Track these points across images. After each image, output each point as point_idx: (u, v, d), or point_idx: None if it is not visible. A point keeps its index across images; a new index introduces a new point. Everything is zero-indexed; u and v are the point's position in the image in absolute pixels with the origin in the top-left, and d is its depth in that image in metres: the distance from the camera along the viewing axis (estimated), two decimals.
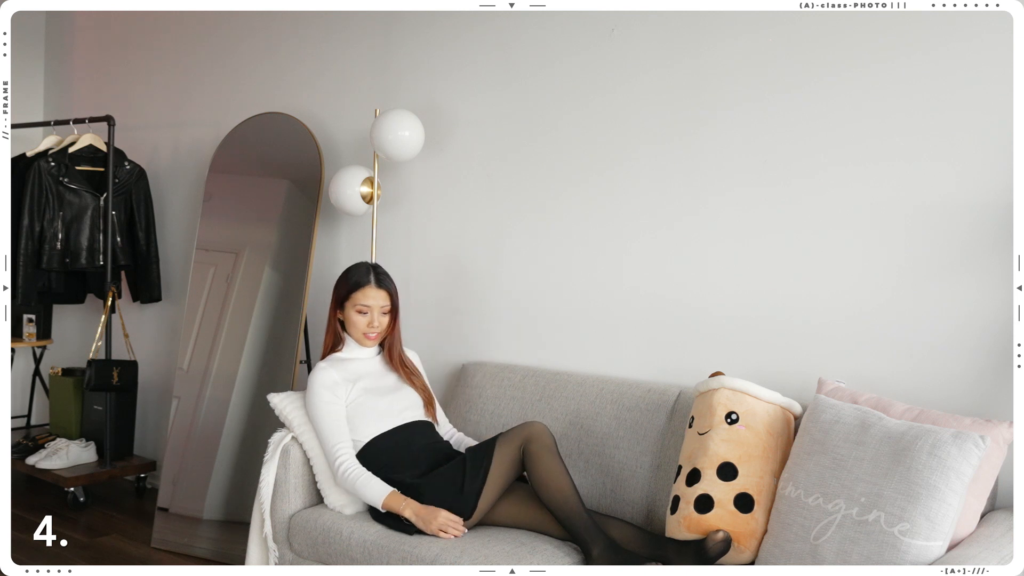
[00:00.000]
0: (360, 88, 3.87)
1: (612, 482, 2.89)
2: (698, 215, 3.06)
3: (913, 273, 2.69)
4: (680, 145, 3.08)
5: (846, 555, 2.20)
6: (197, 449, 3.86)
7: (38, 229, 4.18)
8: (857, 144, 2.76)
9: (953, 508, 2.17)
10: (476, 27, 3.53)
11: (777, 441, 2.51)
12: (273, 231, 3.93)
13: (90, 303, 4.71)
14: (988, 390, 2.56)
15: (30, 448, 4.46)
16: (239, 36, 4.31)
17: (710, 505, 2.45)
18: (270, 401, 3.06)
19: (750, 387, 2.56)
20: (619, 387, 3.01)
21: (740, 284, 2.98)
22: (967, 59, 2.59)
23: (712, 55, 3.01)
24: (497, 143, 3.51)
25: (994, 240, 2.56)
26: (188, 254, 4.41)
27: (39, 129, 4.87)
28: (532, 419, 3.07)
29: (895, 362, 2.71)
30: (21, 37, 4.77)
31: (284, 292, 3.84)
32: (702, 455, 2.51)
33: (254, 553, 3.01)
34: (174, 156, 4.58)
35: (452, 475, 2.72)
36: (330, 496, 2.93)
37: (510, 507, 2.72)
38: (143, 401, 4.60)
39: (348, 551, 2.79)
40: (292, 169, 3.92)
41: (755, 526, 2.44)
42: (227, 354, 3.90)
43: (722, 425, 2.51)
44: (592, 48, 3.26)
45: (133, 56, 4.74)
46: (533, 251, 3.43)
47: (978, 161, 2.58)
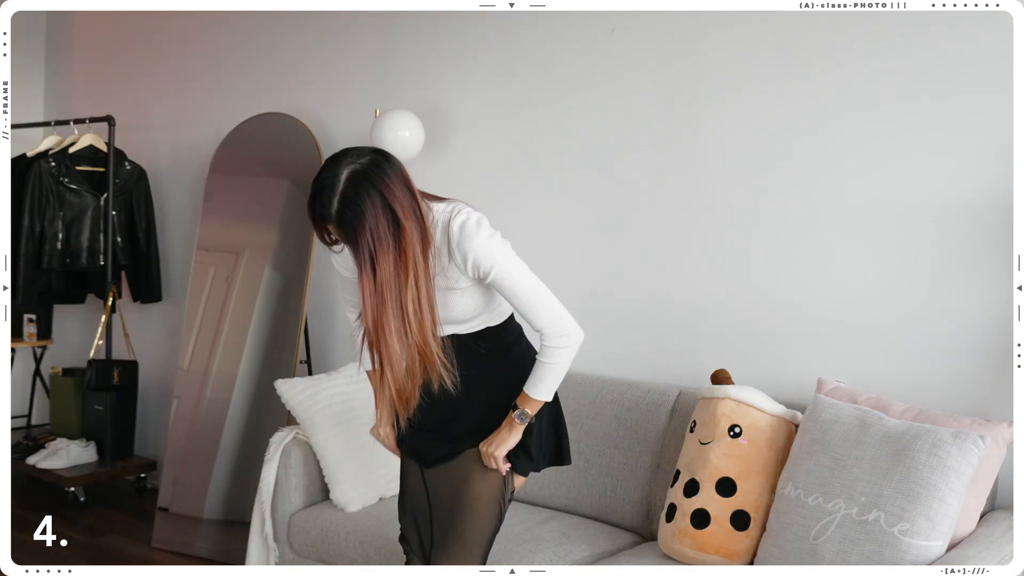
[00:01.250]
0: (360, 88, 3.87)
1: (612, 482, 2.89)
2: (698, 215, 3.06)
3: (913, 273, 2.69)
4: (680, 145, 3.08)
5: (846, 555, 2.20)
6: (197, 449, 3.86)
7: (38, 229, 4.18)
8: (856, 145, 2.76)
9: (953, 508, 2.17)
10: (476, 27, 3.53)
11: (778, 455, 2.50)
12: (273, 231, 3.94)
13: (90, 303, 4.71)
14: (988, 390, 2.56)
15: (30, 448, 4.46)
16: (239, 36, 4.31)
17: (707, 521, 2.45)
18: (278, 389, 3.04)
19: (755, 399, 2.53)
20: (619, 387, 3.01)
21: (740, 284, 2.98)
22: (967, 59, 2.59)
23: (712, 55, 3.01)
24: (497, 143, 3.51)
25: (994, 240, 2.56)
26: (188, 254, 4.41)
27: (39, 129, 4.86)
28: None
29: (895, 362, 2.70)
30: (21, 37, 4.76)
31: (284, 292, 3.84)
32: (702, 467, 2.50)
33: (254, 553, 3.01)
34: (174, 156, 4.58)
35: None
36: (336, 490, 2.92)
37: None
38: (143, 401, 4.60)
39: (348, 551, 2.79)
40: (292, 169, 3.92)
41: (750, 544, 2.45)
42: (227, 354, 3.90)
43: (724, 438, 2.50)
44: (592, 48, 3.26)
45: (133, 56, 4.74)
46: (533, 251, 3.42)
47: (978, 161, 2.58)
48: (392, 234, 1.89)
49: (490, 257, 2.02)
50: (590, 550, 2.68)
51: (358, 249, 1.89)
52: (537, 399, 2.12)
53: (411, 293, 1.93)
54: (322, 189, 1.89)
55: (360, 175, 1.88)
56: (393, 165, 1.94)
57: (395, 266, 1.91)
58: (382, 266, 1.89)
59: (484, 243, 2.01)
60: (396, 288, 1.91)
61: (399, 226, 1.89)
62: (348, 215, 1.87)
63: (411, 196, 1.94)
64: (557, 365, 2.09)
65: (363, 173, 1.89)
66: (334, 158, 1.93)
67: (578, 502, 2.94)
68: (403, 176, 1.95)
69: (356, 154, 1.93)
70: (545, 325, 2.07)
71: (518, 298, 2.06)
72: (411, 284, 1.92)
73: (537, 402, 2.12)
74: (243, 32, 4.29)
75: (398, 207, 1.89)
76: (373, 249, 1.88)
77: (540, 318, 2.07)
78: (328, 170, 1.91)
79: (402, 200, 1.91)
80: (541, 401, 2.12)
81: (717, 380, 2.65)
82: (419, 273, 1.93)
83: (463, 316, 2.11)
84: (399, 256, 1.91)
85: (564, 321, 2.08)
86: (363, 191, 1.87)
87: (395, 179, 1.92)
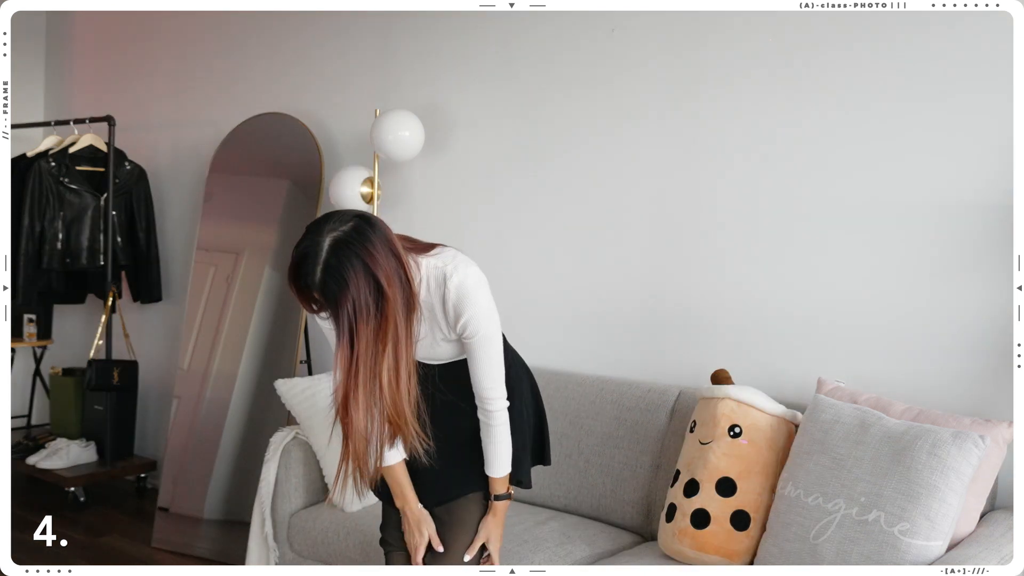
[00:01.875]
0: (360, 88, 3.87)
1: (612, 482, 2.89)
2: (698, 214, 3.06)
3: (913, 273, 2.69)
4: (680, 144, 3.08)
5: (846, 555, 2.20)
6: (197, 449, 3.86)
7: (38, 229, 4.18)
8: (856, 145, 2.76)
9: (953, 508, 2.17)
10: (476, 27, 3.53)
11: (778, 456, 2.50)
12: (273, 231, 3.94)
13: (90, 303, 4.71)
14: (988, 390, 2.56)
15: (30, 448, 4.46)
16: (239, 36, 4.31)
17: (707, 521, 2.45)
18: (278, 389, 3.04)
19: (755, 399, 2.53)
20: (619, 387, 3.01)
21: (740, 284, 2.98)
22: (967, 59, 2.59)
23: (712, 55, 3.01)
24: (497, 143, 3.51)
25: (994, 240, 2.56)
26: (188, 254, 4.41)
27: (39, 129, 4.87)
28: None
29: (895, 362, 2.70)
30: (21, 37, 4.76)
31: (284, 292, 3.84)
32: (702, 467, 2.50)
33: (254, 553, 3.01)
34: (174, 156, 4.58)
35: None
36: (336, 490, 2.92)
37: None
38: (143, 401, 4.60)
39: (348, 551, 2.79)
40: (292, 169, 3.93)
41: (750, 544, 2.45)
42: (227, 354, 3.90)
43: (724, 438, 2.50)
44: (592, 48, 3.26)
45: (133, 56, 4.74)
46: (533, 251, 3.43)
47: (978, 161, 2.58)
48: (375, 303, 1.83)
49: (481, 326, 2.04)
50: (590, 550, 2.68)
51: (338, 320, 1.83)
52: (503, 476, 2.18)
53: (387, 363, 1.89)
54: (304, 258, 1.83)
55: (342, 243, 1.82)
56: (377, 230, 1.87)
57: (375, 335, 1.86)
58: (361, 337, 1.84)
59: (481, 310, 2.03)
60: (372, 359, 1.87)
61: (382, 295, 1.84)
62: (331, 285, 1.81)
63: (396, 261, 1.88)
64: (503, 432, 2.14)
65: (345, 241, 1.82)
66: (316, 224, 1.87)
67: (578, 502, 2.94)
68: (388, 240, 1.88)
69: (338, 219, 1.86)
70: (494, 390, 2.12)
71: (482, 361, 2.09)
72: (388, 354, 1.88)
73: (505, 479, 2.18)
74: (243, 32, 4.29)
75: (382, 275, 1.83)
76: (353, 320, 1.82)
77: (492, 383, 2.11)
78: (310, 238, 1.85)
79: (386, 267, 1.84)
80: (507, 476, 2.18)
81: (717, 380, 2.65)
82: (399, 341, 1.89)
83: (447, 356, 2.15)
84: (380, 325, 1.86)
85: (503, 387, 2.14)
86: (345, 260, 1.81)
87: (379, 245, 1.85)
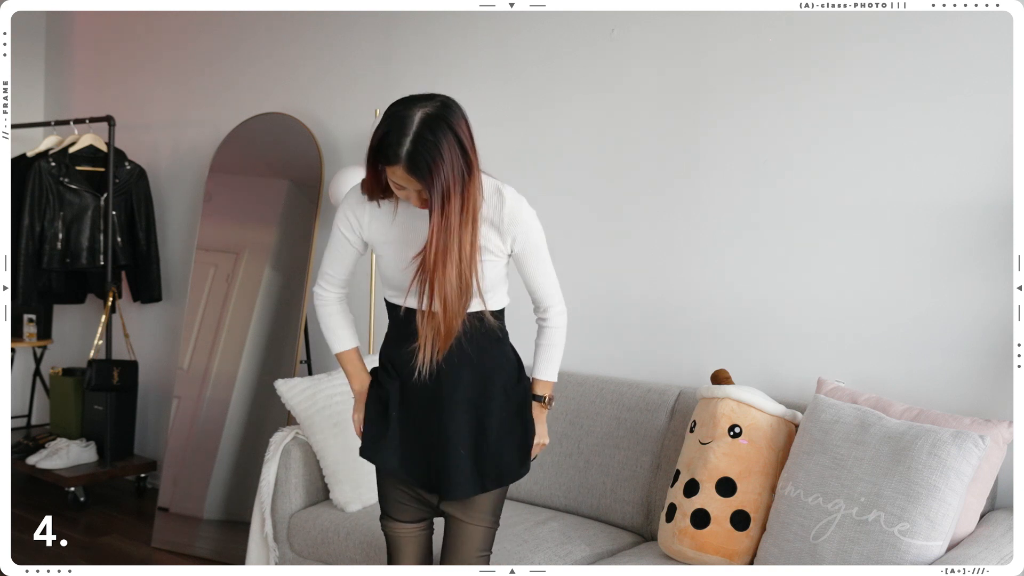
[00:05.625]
0: (360, 88, 3.87)
1: (612, 482, 2.89)
2: (697, 214, 3.06)
3: (913, 273, 2.69)
4: (681, 144, 3.08)
5: (846, 555, 2.20)
6: (197, 449, 3.86)
7: (38, 229, 4.18)
8: (856, 145, 2.76)
9: (953, 508, 2.17)
10: (476, 27, 3.54)
11: (778, 455, 2.51)
12: (273, 231, 3.94)
13: (90, 303, 4.71)
14: (988, 390, 2.56)
15: (30, 448, 4.46)
16: (239, 36, 4.31)
17: (707, 521, 2.45)
18: (278, 389, 3.04)
19: (755, 399, 2.53)
20: (619, 387, 3.01)
21: (740, 284, 2.98)
22: (967, 59, 2.59)
23: (712, 55, 3.01)
24: (497, 143, 3.50)
25: (994, 240, 2.56)
26: (188, 254, 4.41)
27: (39, 129, 4.87)
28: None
29: (895, 362, 2.71)
30: (21, 37, 4.76)
31: (284, 292, 3.84)
32: (702, 467, 2.50)
33: (254, 553, 3.01)
34: (174, 156, 4.58)
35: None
36: (336, 490, 2.92)
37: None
38: (143, 401, 4.60)
39: (348, 551, 2.79)
40: (292, 169, 3.93)
41: (749, 544, 2.45)
42: (227, 354, 3.90)
43: (724, 438, 2.50)
44: (592, 48, 3.26)
45: (133, 56, 4.74)
46: None
47: (978, 161, 2.58)
48: (462, 177, 1.93)
49: (534, 235, 2.12)
50: (590, 550, 2.68)
51: (432, 187, 1.90)
52: (553, 380, 2.27)
53: (468, 238, 1.97)
54: (392, 131, 1.90)
55: (435, 116, 1.91)
56: (462, 109, 1.98)
57: (460, 209, 1.94)
58: (452, 205, 1.93)
59: (535, 222, 2.13)
60: (459, 227, 1.95)
61: (470, 168, 1.94)
62: (423, 154, 1.88)
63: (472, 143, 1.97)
64: (562, 339, 2.27)
65: (437, 115, 1.91)
66: (403, 102, 1.95)
67: (578, 502, 2.95)
68: (468, 122, 1.98)
69: (426, 99, 1.95)
70: (554, 296, 2.22)
71: (540, 269, 2.17)
72: (469, 229, 1.97)
73: (551, 384, 2.28)
74: (243, 32, 4.29)
75: (469, 148, 1.94)
76: (446, 187, 1.90)
77: (551, 293, 2.22)
78: (399, 112, 1.92)
79: (471, 142, 1.95)
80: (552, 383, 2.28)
81: (717, 380, 2.65)
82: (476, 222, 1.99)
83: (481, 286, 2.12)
84: (463, 202, 1.95)
85: (562, 299, 2.25)
86: (439, 131, 1.90)
87: (464, 122, 1.96)
